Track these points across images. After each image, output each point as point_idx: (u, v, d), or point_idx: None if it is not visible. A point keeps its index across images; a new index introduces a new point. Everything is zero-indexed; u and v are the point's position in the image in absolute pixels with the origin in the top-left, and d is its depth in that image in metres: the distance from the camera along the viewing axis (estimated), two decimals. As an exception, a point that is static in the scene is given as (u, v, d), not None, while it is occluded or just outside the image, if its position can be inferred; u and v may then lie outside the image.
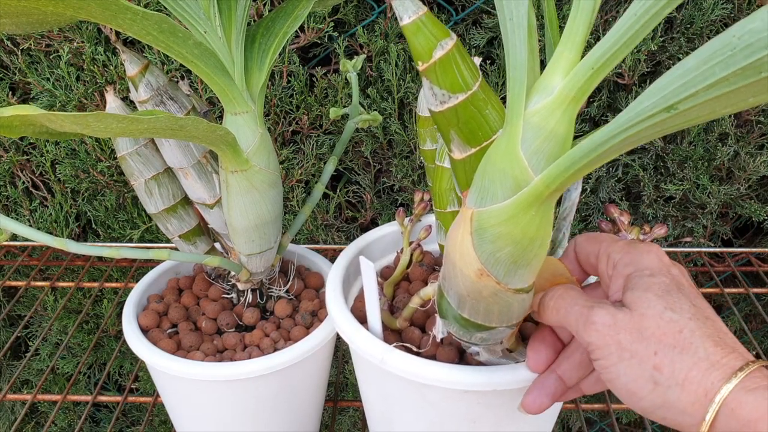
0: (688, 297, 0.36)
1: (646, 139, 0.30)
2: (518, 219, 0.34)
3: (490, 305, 0.38)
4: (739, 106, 0.27)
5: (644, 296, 0.36)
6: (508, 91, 0.34)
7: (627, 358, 0.35)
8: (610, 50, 0.30)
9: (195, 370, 0.53)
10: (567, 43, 0.32)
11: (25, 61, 0.87)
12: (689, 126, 0.29)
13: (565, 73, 0.32)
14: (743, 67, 0.25)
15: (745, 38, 0.24)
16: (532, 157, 0.33)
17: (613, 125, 0.30)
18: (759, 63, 0.24)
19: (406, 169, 0.92)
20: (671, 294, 0.35)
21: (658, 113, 0.28)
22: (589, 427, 1.16)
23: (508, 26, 0.33)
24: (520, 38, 0.33)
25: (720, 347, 0.34)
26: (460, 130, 0.37)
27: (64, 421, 1.11)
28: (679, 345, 0.34)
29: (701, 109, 0.27)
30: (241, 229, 0.53)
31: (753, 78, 0.25)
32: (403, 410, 0.50)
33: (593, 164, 0.31)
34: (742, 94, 0.26)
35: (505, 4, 0.33)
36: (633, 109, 0.29)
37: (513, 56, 0.33)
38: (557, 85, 0.32)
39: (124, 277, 0.93)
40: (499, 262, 0.35)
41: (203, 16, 0.46)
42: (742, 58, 0.25)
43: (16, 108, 0.38)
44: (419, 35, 0.35)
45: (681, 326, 0.34)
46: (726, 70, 0.25)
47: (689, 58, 0.26)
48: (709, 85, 0.26)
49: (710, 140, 0.89)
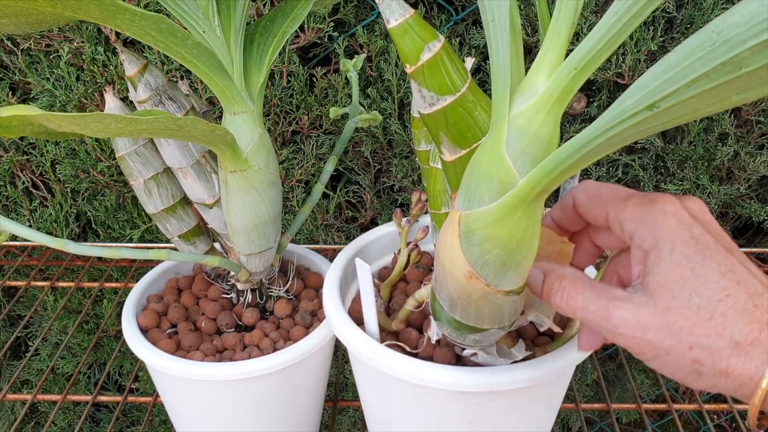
0: (716, 264, 0.32)
1: (631, 138, 0.30)
2: (505, 221, 0.34)
3: (480, 307, 0.38)
4: (723, 104, 0.26)
5: (666, 284, 0.33)
6: (493, 93, 0.33)
7: (663, 355, 0.33)
8: (593, 50, 0.30)
9: (195, 370, 0.53)
10: (550, 43, 0.32)
11: (25, 61, 0.87)
12: (675, 125, 0.29)
13: (549, 74, 0.32)
14: (723, 63, 0.24)
15: (724, 33, 0.24)
16: (518, 159, 0.33)
17: (596, 125, 0.29)
18: (739, 58, 0.24)
19: (406, 169, 0.92)
20: (695, 271, 0.32)
21: (640, 112, 0.28)
22: (589, 427, 1.16)
23: (491, 28, 0.33)
24: (503, 40, 0.33)
25: (754, 323, 0.31)
26: (449, 132, 0.37)
27: (64, 421, 1.11)
28: (712, 333, 0.32)
29: (684, 107, 0.27)
30: (241, 228, 0.53)
31: (734, 74, 0.24)
32: (400, 411, 0.50)
33: (579, 165, 0.31)
34: (724, 91, 0.25)
35: (487, 6, 0.33)
36: (615, 109, 0.29)
37: (496, 58, 0.33)
38: (541, 86, 0.32)
39: (124, 277, 0.93)
40: (487, 264, 0.35)
41: (202, 16, 0.46)
42: (722, 53, 0.24)
43: (14, 108, 0.38)
44: (406, 38, 0.35)
45: (710, 311, 0.32)
46: (706, 66, 0.25)
47: (670, 55, 0.26)
48: (691, 82, 0.25)
49: (710, 140, 0.89)
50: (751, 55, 0.24)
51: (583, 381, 1.09)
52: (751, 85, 0.25)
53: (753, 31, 0.23)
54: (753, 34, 0.23)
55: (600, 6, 0.83)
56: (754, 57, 0.24)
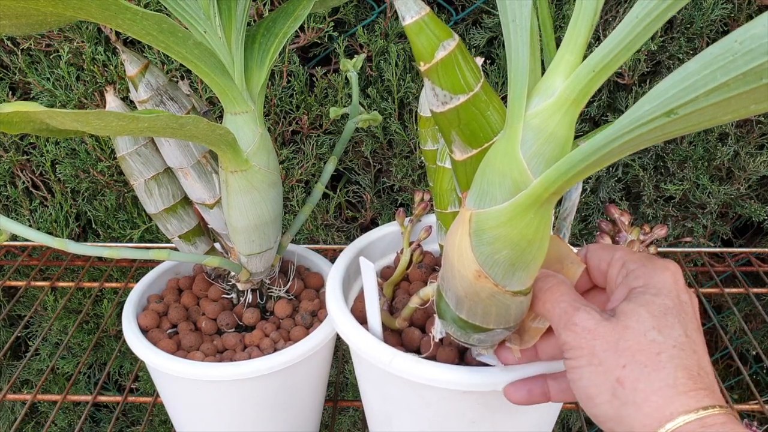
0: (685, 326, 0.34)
1: (646, 143, 0.30)
2: (516, 221, 0.34)
3: (487, 307, 0.38)
4: (740, 113, 0.26)
5: (637, 310, 0.35)
6: (509, 93, 0.33)
7: (595, 364, 0.34)
8: (612, 53, 0.30)
9: (195, 370, 0.53)
10: (569, 45, 0.32)
11: (25, 61, 0.87)
12: (690, 132, 0.29)
13: (567, 76, 0.32)
14: (744, 73, 0.24)
15: (746, 43, 0.24)
16: (532, 160, 0.33)
17: (612, 129, 0.29)
18: (760, 69, 0.24)
19: (406, 169, 0.92)
20: (667, 317, 0.34)
21: (657, 118, 0.28)
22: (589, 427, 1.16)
23: (511, 28, 0.33)
24: (522, 40, 0.33)
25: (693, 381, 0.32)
26: (461, 131, 0.37)
27: (64, 421, 1.11)
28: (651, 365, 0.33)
29: (702, 115, 0.27)
30: (241, 229, 0.53)
31: (754, 84, 0.24)
32: (403, 410, 0.50)
33: (592, 168, 0.31)
34: (743, 101, 0.25)
35: (508, 6, 0.33)
36: (633, 113, 0.29)
37: (515, 58, 0.33)
38: (558, 87, 0.32)
39: (124, 277, 0.93)
40: (497, 264, 0.35)
41: (203, 16, 0.46)
42: (743, 63, 0.24)
43: (16, 104, 0.38)
44: (421, 35, 0.35)
45: (661, 349, 0.33)
46: (727, 76, 0.25)
47: (690, 63, 0.26)
48: (710, 90, 0.26)
49: (710, 140, 0.89)
50: None
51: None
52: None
53: None
54: None
55: (610, 6, 0.83)
56: None
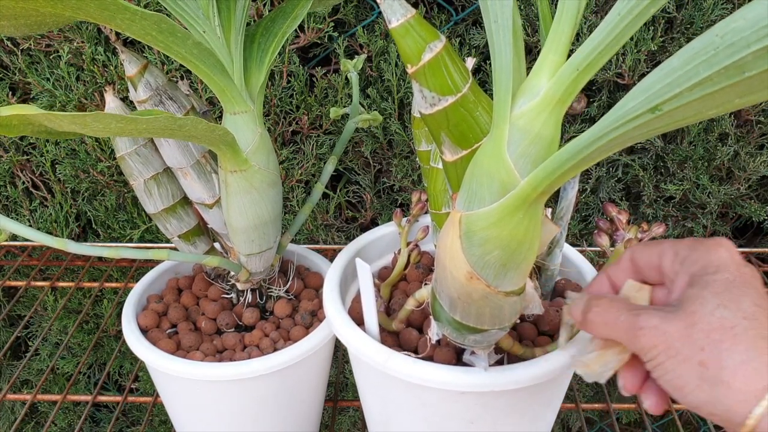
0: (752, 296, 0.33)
1: (633, 140, 0.30)
2: (506, 222, 0.34)
3: (481, 308, 0.38)
4: (725, 108, 0.26)
5: (700, 294, 0.34)
6: (494, 94, 0.33)
7: (673, 355, 0.33)
8: (595, 50, 0.30)
9: (195, 370, 0.53)
10: (552, 44, 0.32)
11: (25, 61, 0.87)
12: (676, 127, 0.29)
13: (551, 75, 0.32)
14: (726, 67, 0.24)
15: (727, 37, 0.24)
16: (519, 160, 0.33)
17: (598, 127, 0.29)
18: (742, 62, 0.24)
19: (406, 169, 0.92)
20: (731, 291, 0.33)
21: (642, 114, 0.28)
22: (589, 426, 1.16)
23: (493, 28, 0.33)
24: (505, 41, 0.33)
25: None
26: (450, 133, 0.37)
27: (64, 421, 1.11)
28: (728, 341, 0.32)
29: (686, 110, 0.27)
30: (241, 229, 0.53)
31: (736, 78, 0.24)
32: (401, 411, 0.50)
33: (580, 166, 0.31)
34: (726, 95, 0.25)
35: (489, 6, 0.33)
36: (617, 111, 0.29)
37: (498, 59, 0.33)
38: (543, 87, 0.32)
39: (124, 277, 0.93)
40: (488, 265, 0.35)
41: (202, 16, 0.46)
42: (724, 57, 0.24)
43: (15, 107, 0.38)
44: (407, 38, 0.35)
45: (733, 323, 0.32)
46: (709, 70, 0.25)
47: (673, 58, 0.26)
48: (693, 85, 0.26)
49: (710, 140, 0.89)
50: (754, 59, 0.24)
51: (583, 381, 1.09)
52: (753, 89, 0.25)
53: (756, 35, 0.23)
54: (756, 38, 0.23)
55: (600, 6, 0.83)
56: (756, 61, 0.24)
